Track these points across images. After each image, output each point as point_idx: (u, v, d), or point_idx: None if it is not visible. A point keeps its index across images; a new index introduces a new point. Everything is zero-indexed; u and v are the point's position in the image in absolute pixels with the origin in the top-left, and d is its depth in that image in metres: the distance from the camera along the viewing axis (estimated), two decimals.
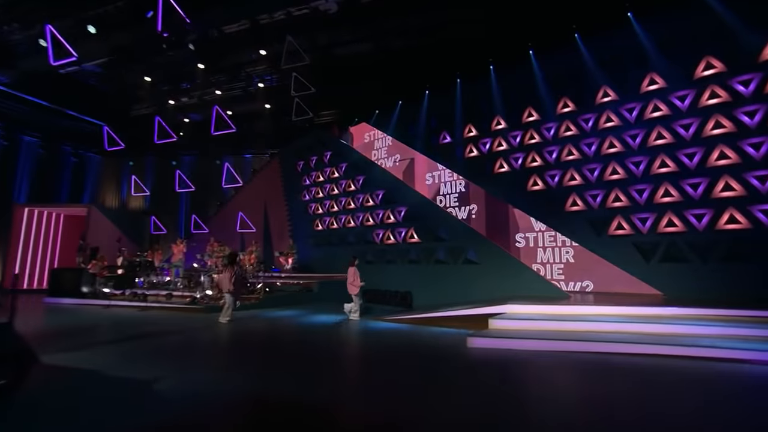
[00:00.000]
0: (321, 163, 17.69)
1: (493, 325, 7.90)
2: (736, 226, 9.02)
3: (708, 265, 9.27)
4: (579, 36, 11.60)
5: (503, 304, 8.72)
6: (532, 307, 8.55)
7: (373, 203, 15.17)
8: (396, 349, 7.19)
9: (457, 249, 12.40)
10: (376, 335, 8.76)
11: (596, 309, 8.17)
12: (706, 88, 9.64)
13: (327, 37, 14.56)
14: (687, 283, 9.47)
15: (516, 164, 12.61)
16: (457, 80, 14.34)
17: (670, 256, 9.78)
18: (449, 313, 9.38)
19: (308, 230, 17.70)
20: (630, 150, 10.57)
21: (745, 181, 9.00)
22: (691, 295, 9.33)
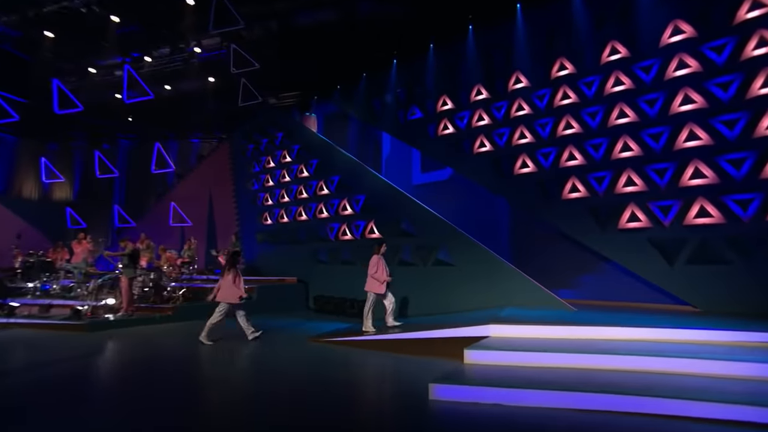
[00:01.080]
0: (272, 145, 14.68)
1: (469, 358, 5.10)
2: None
3: (755, 268, 6.76)
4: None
5: (485, 324, 5.96)
6: (524, 330, 5.80)
7: (327, 191, 12.26)
8: (317, 399, 4.33)
9: (427, 247, 9.62)
10: (306, 364, 5.89)
11: (616, 332, 5.48)
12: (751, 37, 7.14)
13: (286, 4, 11.74)
14: (724, 292, 6.94)
15: (500, 141, 9.92)
16: (430, 45, 11.59)
17: (702, 256, 7.23)
18: (412, 335, 6.56)
19: (256, 225, 14.65)
20: (646, 119, 8.00)
21: None
22: (731, 308, 6.81)
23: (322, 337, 7.53)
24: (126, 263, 9.21)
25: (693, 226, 7.30)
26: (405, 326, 7.21)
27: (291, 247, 13.15)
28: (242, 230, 15.04)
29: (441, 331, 6.25)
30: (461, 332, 6.05)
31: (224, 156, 16.70)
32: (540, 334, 5.68)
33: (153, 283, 9.86)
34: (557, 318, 6.54)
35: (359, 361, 6.24)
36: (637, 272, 7.85)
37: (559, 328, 5.63)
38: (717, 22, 7.47)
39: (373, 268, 7.47)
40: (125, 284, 9.18)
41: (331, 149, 12.52)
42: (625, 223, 7.96)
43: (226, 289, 7.33)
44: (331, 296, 11.29)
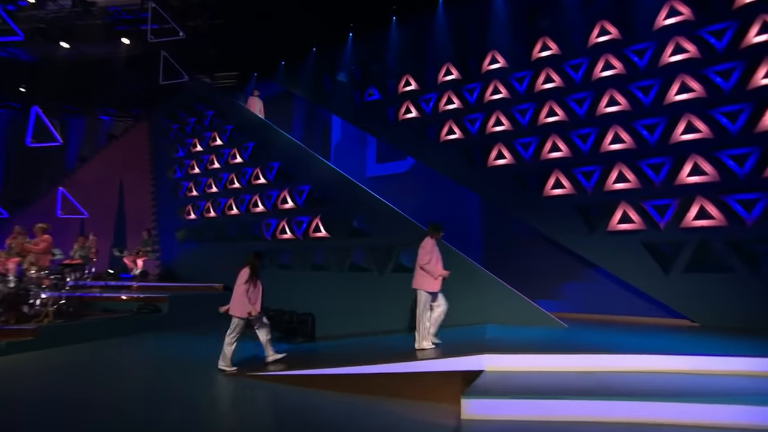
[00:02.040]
0: (201, 126, 12.09)
1: (469, 411, 3.37)
2: None
3: (756, 276, 5.87)
4: None
5: (477, 355, 4.30)
6: (524, 361, 4.22)
7: (264, 181, 10.04)
8: None
9: (384, 249, 7.85)
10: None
11: (640, 362, 4.08)
12: (753, 22, 6.33)
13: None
14: (726, 304, 5.99)
15: (472, 128, 8.48)
16: (393, 17, 9.93)
17: (702, 262, 6.24)
18: (383, 368, 4.70)
19: (177, 219, 11.93)
20: (639, 108, 6.95)
21: None
22: (733, 322, 5.86)
23: (253, 372, 5.37)
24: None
25: (691, 229, 6.31)
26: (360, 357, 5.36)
27: (218, 247, 10.68)
28: (159, 226, 12.21)
29: (425, 363, 4.48)
30: (450, 364, 4.34)
31: (141, 137, 13.67)
32: (545, 367, 4.16)
33: (7, 294, 6.96)
34: (555, 340, 5.13)
35: (304, 407, 4.30)
36: (627, 281, 6.71)
37: (566, 358, 4.17)
38: (716, 5, 6.62)
39: (425, 256, 5.17)
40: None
41: (270, 130, 10.31)
42: (615, 225, 6.81)
43: (237, 300, 5.48)
44: (265, 307, 9.06)
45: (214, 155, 11.28)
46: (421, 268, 5.23)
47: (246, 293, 5.47)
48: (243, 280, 5.52)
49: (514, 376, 3.97)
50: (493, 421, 3.27)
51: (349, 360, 5.18)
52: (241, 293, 5.47)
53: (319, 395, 4.71)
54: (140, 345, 7.29)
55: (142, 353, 6.87)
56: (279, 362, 5.60)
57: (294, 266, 8.98)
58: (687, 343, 4.98)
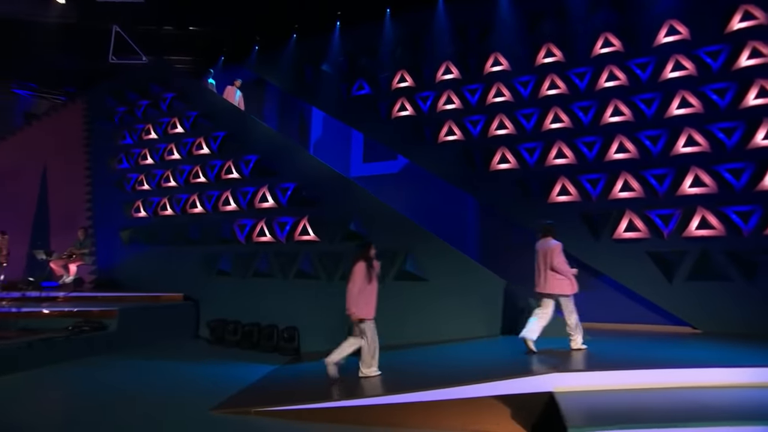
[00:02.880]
0: (157, 110, 10.37)
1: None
2: None
3: (755, 286, 6.11)
4: None
5: (543, 374, 3.77)
6: (605, 378, 3.77)
7: (237, 175, 8.76)
8: None
9: (386, 255, 7.07)
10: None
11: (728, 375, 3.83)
12: (745, 46, 6.70)
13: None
14: (724, 311, 6.16)
15: (474, 130, 8.09)
16: (387, 9, 9.31)
17: (703, 271, 6.38)
18: (424, 395, 3.93)
19: (123, 218, 10.06)
20: (642, 119, 7.05)
21: None
22: (732, 329, 6.02)
23: (242, 406, 4.28)
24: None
25: (693, 238, 6.44)
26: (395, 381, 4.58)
27: (176, 251, 9.10)
28: (98, 224, 10.20)
29: (482, 386, 3.82)
30: (513, 387, 3.75)
31: (74, 119, 11.43)
32: (622, 385, 3.73)
33: None
34: (596, 353, 4.77)
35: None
36: (633, 288, 6.69)
37: (642, 373, 3.80)
38: (711, 29, 6.94)
39: (558, 256, 4.82)
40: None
41: (247, 120, 9.08)
42: (621, 233, 6.78)
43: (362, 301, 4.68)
44: (236, 321, 7.81)
45: (174, 144, 9.69)
46: (555, 267, 4.87)
47: (363, 291, 4.68)
48: (361, 277, 4.71)
49: (597, 397, 3.50)
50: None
51: (380, 387, 4.36)
52: (366, 292, 4.72)
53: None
54: (82, 376, 5.54)
55: (86, 387, 5.12)
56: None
57: (274, 273, 7.85)
58: (733, 353, 4.76)
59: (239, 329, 7.70)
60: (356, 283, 4.67)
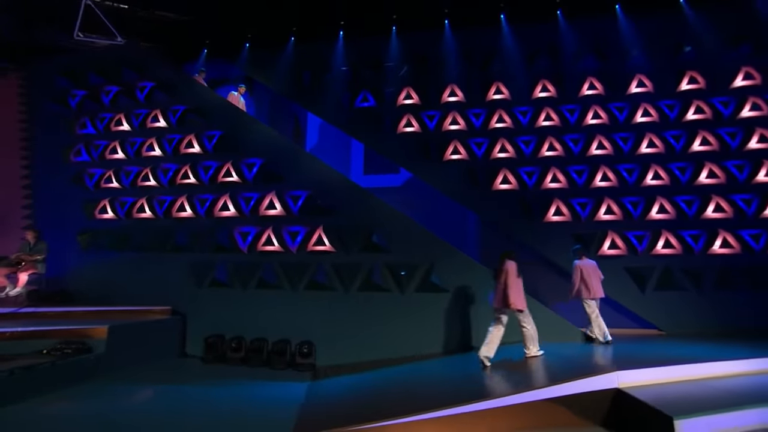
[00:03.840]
0: (131, 100, 9.15)
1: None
2: (727, 250, 7.63)
3: (703, 294, 7.56)
4: (561, 13, 8.93)
5: (608, 373, 4.32)
6: (665, 372, 4.50)
7: (237, 179, 8.17)
8: None
9: (403, 267, 7.25)
10: None
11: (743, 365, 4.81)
12: (692, 103, 8.32)
13: None
14: (683, 316, 7.51)
15: (479, 151, 8.66)
16: (393, 27, 9.53)
17: (666, 283, 7.69)
18: (495, 403, 4.18)
19: (80, 219, 8.67)
20: (620, 154, 8.27)
21: (734, 203, 7.81)
22: (688, 329, 7.37)
23: (329, 428, 4.08)
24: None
25: (659, 256, 7.74)
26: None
27: (154, 259, 8.12)
28: (42, 226, 8.60)
29: (554, 388, 4.21)
30: (581, 386, 4.22)
31: (9, 98, 9.55)
32: (678, 377, 4.54)
33: None
34: (624, 352, 5.53)
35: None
36: (613, 298, 7.76)
37: (692, 367, 4.66)
38: (668, 86, 8.46)
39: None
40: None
41: (249, 121, 8.53)
42: (605, 250, 7.85)
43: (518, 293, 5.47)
44: (239, 337, 7.27)
45: (155, 140, 8.66)
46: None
47: (516, 285, 5.44)
48: (516, 273, 5.53)
49: (660, 389, 4.14)
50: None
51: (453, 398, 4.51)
52: (519, 285, 5.51)
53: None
54: (83, 411, 4.60)
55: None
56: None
57: (283, 286, 7.48)
58: (732, 348, 5.73)
59: (243, 345, 7.17)
60: (514, 279, 5.43)
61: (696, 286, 7.60)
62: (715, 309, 7.45)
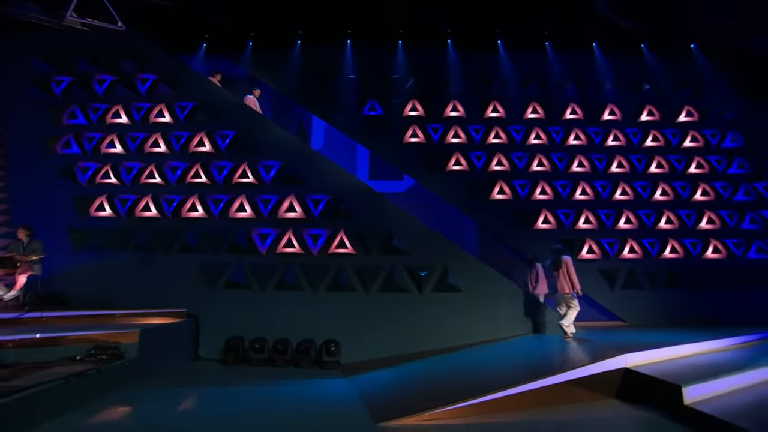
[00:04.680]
0: (130, 91, 8.62)
1: (690, 397, 4.35)
2: (674, 255, 9.26)
3: (657, 292, 9.10)
4: (549, 45, 10.08)
5: (616, 356, 5.27)
6: (663, 353, 5.60)
7: (253, 180, 8.16)
8: None
9: (422, 269, 7.84)
10: None
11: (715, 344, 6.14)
12: (650, 132, 9.91)
13: None
14: (642, 310, 8.98)
15: (478, 164, 9.49)
16: (399, 41, 10.03)
17: (629, 283, 9.11)
18: (532, 386, 4.94)
19: (71, 216, 8.07)
20: (596, 172, 9.60)
21: (679, 216, 9.46)
22: (646, 321, 8.85)
23: (403, 416, 4.54)
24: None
25: (625, 260, 9.15)
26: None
27: (160, 259, 7.83)
28: (22, 221, 7.85)
29: (574, 372, 5.06)
30: (596, 368, 5.13)
31: None
32: (674, 355, 5.69)
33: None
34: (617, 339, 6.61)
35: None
36: (590, 295, 9.03)
37: (683, 348, 5.83)
38: (631, 116, 9.98)
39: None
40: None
41: (265, 123, 8.52)
42: (584, 254, 9.10)
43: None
44: (260, 338, 7.33)
45: (160, 135, 8.30)
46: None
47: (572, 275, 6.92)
48: (570, 265, 7.00)
49: (661, 365, 5.18)
50: (714, 398, 4.37)
51: (496, 384, 5.18)
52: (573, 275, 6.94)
53: (489, 424, 4.57)
54: (148, 415, 4.62)
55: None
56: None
57: (303, 287, 7.66)
58: (689, 334, 7.06)
59: (266, 346, 7.25)
60: (573, 270, 6.91)
61: (652, 285, 9.12)
62: (666, 304, 9.01)
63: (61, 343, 5.75)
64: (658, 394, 4.76)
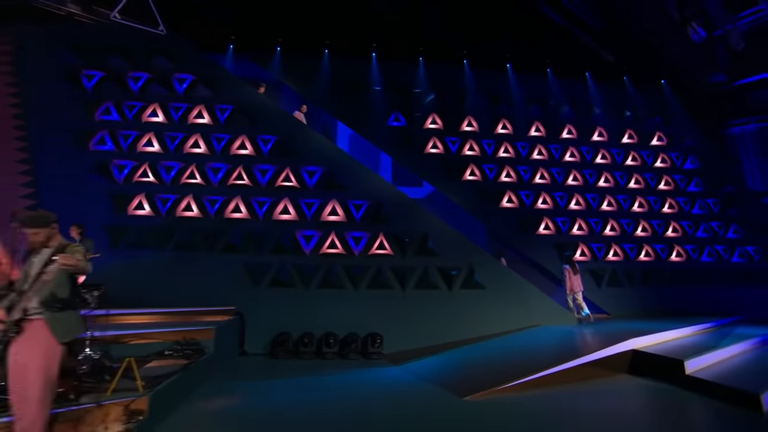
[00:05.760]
0: (166, 90, 8.61)
1: (691, 367, 5.66)
2: (647, 258, 10.95)
3: (634, 289, 10.72)
4: (551, 71, 11.36)
5: (625, 341, 6.50)
6: (660, 336, 6.92)
7: (295, 184, 8.59)
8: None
9: (452, 269, 8.74)
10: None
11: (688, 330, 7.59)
12: (629, 153, 11.56)
13: None
14: (623, 304, 10.55)
15: (490, 175, 10.55)
16: (420, 57, 10.80)
17: (613, 281, 10.66)
18: (564, 366, 6.05)
19: (108, 214, 8.01)
20: (587, 186, 11.04)
21: (652, 226, 11.18)
22: (626, 313, 10.42)
23: (483, 390, 5.41)
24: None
25: (609, 262, 10.68)
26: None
27: (201, 258, 8.04)
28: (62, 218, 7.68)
29: (592, 354, 6.23)
30: (610, 351, 6.33)
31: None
32: (669, 337, 7.05)
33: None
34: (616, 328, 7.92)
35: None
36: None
37: (678, 332, 7.29)
38: (615, 138, 11.56)
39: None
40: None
41: (307, 132, 8.92)
42: (578, 257, 10.49)
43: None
44: (308, 333, 7.81)
45: (200, 136, 8.43)
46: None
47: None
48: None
49: (662, 346, 6.50)
50: (709, 367, 5.70)
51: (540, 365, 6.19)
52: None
53: (535, 396, 5.55)
54: (264, 405, 5.15)
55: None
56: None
57: (344, 285, 8.25)
58: (665, 323, 8.57)
59: (313, 340, 7.76)
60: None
61: (630, 283, 10.73)
62: (641, 299, 10.64)
63: (142, 339, 5.95)
64: (664, 368, 6.03)
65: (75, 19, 8.69)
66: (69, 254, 2.90)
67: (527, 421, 4.60)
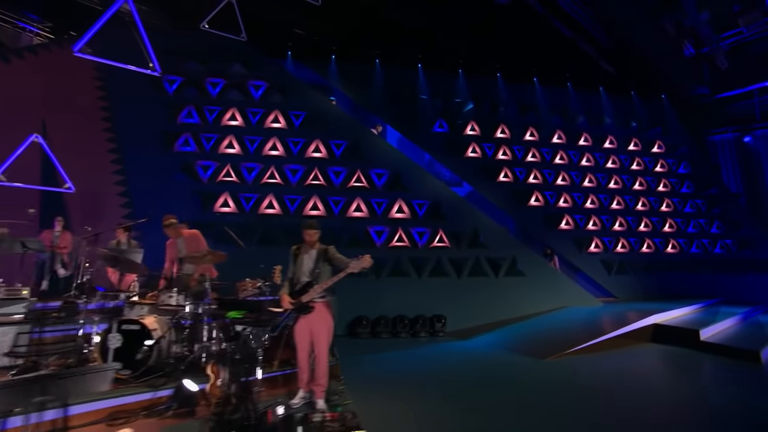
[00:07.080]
0: (242, 96, 9.23)
1: (704, 335, 7.23)
2: (648, 250, 12.70)
3: (637, 276, 12.46)
4: (570, 84, 12.75)
5: (647, 317, 8.03)
6: (674, 313, 8.49)
7: (366, 185, 9.51)
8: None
9: (498, 259, 10.02)
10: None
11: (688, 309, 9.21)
12: (635, 159, 13.21)
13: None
14: (628, 289, 12.25)
15: (520, 177, 11.86)
16: (459, 69, 11.86)
17: (621, 269, 12.33)
18: (608, 335, 7.47)
19: (196, 211, 8.65)
20: (600, 187, 12.59)
21: (652, 223, 12.93)
22: (632, 297, 12.14)
23: (557, 353, 6.74)
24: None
25: (618, 253, 12.34)
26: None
27: (279, 252, 8.82)
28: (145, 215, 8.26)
29: (625, 328, 7.69)
30: (638, 324, 7.83)
31: (80, 65, 8.42)
32: (682, 314, 8.64)
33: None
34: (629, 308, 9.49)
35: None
36: (594, 278, 12.03)
37: (686, 309, 8.81)
38: (624, 144, 13.17)
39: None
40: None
41: (374, 138, 9.83)
42: (591, 249, 12.06)
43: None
44: (383, 316, 8.83)
45: (277, 140, 9.16)
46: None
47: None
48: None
49: (679, 319, 8.07)
50: (718, 333, 7.29)
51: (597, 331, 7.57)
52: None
53: (592, 357, 6.93)
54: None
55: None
56: None
57: (409, 273, 9.32)
58: (668, 304, 10.24)
59: (388, 322, 8.81)
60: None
61: (634, 271, 12.45)
62: (643, 284, 12.37)
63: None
64: (682, 336, 7.56)
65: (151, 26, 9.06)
66: (333, 257, 3.88)
67: (597, 375, 5.96)
